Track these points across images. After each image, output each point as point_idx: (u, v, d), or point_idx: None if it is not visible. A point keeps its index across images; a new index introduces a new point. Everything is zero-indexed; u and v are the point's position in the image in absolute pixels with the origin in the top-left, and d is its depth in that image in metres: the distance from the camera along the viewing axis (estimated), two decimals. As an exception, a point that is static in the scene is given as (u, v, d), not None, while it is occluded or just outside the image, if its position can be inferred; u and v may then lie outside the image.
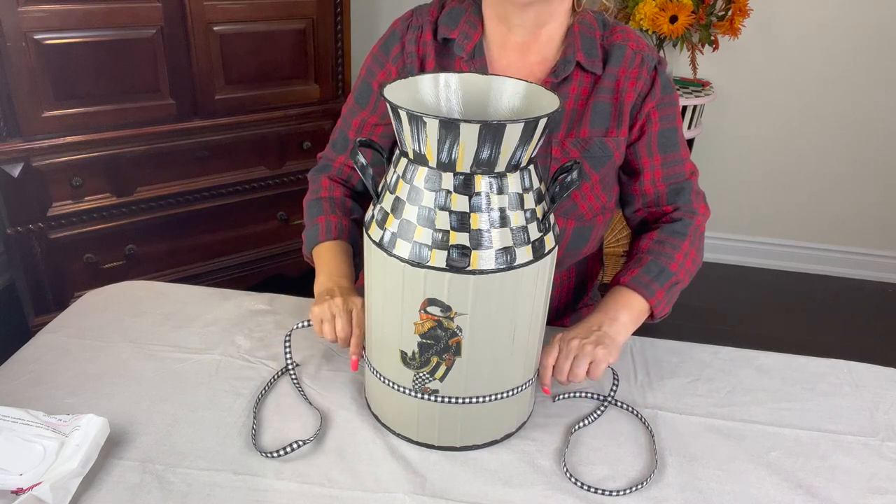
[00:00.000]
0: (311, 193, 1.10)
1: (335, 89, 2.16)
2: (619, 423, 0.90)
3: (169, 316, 1.07)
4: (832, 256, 2.70)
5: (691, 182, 1.04)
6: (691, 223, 1.02)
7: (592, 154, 0.99)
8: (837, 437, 0.90)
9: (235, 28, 1.91)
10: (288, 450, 0.81)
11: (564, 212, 1.00)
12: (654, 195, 1.03)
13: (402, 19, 1.05)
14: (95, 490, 0.76)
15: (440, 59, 1.02)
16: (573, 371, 0.87)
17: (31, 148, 1.70)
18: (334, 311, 0.89)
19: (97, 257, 1.90)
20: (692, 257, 1.01)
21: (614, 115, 0.99)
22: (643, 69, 0.98)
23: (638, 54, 0.99)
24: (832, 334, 2.36)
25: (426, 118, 0.67)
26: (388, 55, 1.05)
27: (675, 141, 1.02)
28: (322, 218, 1.04)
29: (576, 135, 0.98)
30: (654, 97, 0.99)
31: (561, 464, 0.82)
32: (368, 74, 1.08)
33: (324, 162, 1.14)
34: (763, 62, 2.45)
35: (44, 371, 0.94)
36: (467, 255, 0.71)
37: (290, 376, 0.94)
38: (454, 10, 1.02)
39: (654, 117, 1.00)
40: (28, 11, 1.61)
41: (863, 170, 2.56)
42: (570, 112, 0.99)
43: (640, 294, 0.96)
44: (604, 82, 0.98)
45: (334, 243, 1.02)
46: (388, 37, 1.06)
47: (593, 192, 1.01)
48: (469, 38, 1.00)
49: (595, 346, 0.87)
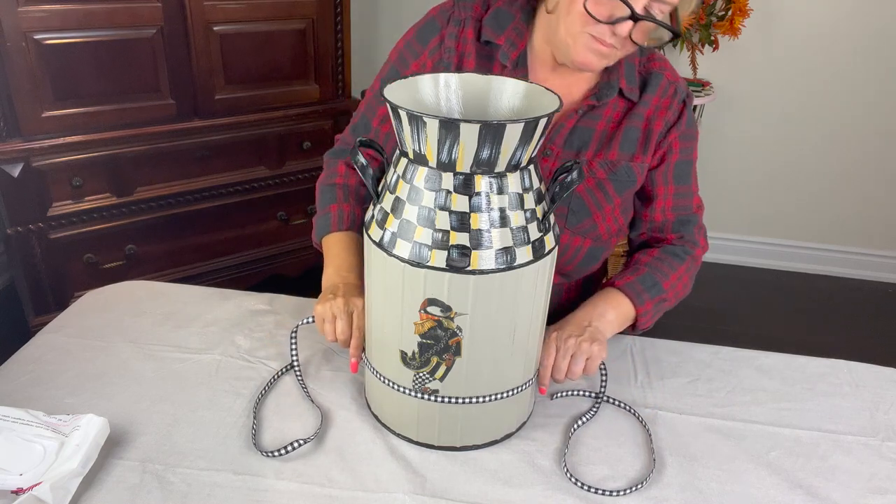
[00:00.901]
0: (325, 177, 1.09)
1: (335, 89, 2.16)
2: (618, 423, 0.90)
3: (169, 316, 1.07)
4: (832, 256, 2.70)
5: (697, 216, 1.07)
6: (691, 252, 1.05)
7: (619, 177, 0.99)
8: (837, 437, 0.90)
9: (235, 28, 1.91)
10: (289, 448, 0.81)
11: (583, 232, 1.01)
12: (661, 222, 1.05)
13: (443, 9, 1.02)
14: (95, 490, 0.76)
15: (481, 61, 1.00)
16: (571, 369, 0.88)
17: (31, 148, 1.70)
18: (335, 312, 0.89)
19: (97, 257, 1.90)
20: (684, 282, 1.04)
21: (642, 141, 1.00)
22: (675, 100, 1.00)
23: (672, 85, 1.00)
24: (832, 334, 2.36)
25: (426, 118, 0.67)
26: (426, 46, 1.02)
27: (689, 173, 1.05)
28: (335, 206, 1.03)
29: (604, 156, 0.99)
30: (679, 128, 1.01)
31: (561, 464, 0.82)
32: (400, 62, 1.04)
33: (341, 146, 1.12)
34: (763, 62, 2.45)
35: (44, 371, 0.94)
36: (467, 255, 0.71)
37: (295, 372, 0.94)
38: (501, 13, 0.99)
39: (676, 147, 1.02)
40: (28, 11, 1.61)
41: (863, 169, 2.56)
42: (601, 133, 0.99)
43: (630, 300, 0.98)
44: (638, 108, 0.99)
45: (344, 234, 1.01)
46: (425, 24, 1.02)
47: (613, 214, 1.01)
48: (515, 46, 0.98)
49: (591, 343, 0.89)
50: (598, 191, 0.99)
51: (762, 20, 2.36)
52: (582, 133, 0.98)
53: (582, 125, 0.98)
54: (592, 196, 0.99)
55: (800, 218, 2.67)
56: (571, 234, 1.00)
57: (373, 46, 2.61)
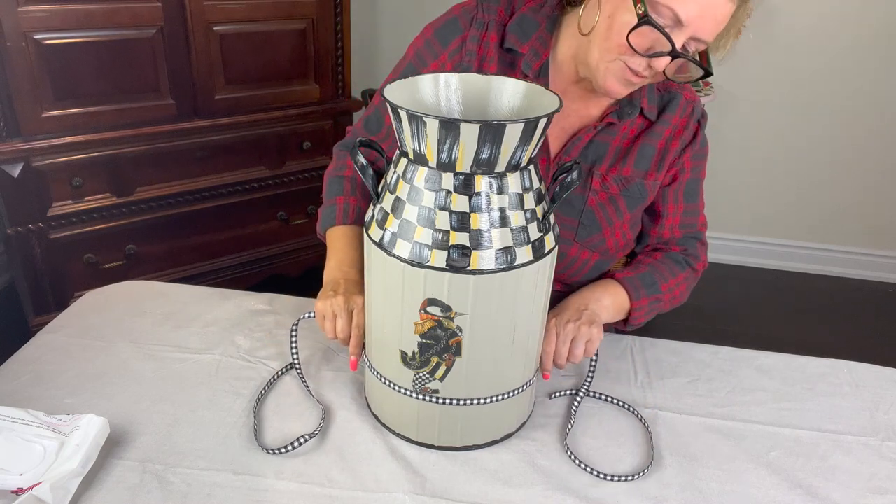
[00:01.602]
0: (334, 168, 1.08)
1: (335, 89, 2.16)
2: (618, 423, 0.90)
3: (169, 316, 1.07)
4: (832, 256, 2.70)
5: (702, 233, 1.09)
6: (692, 264, 1.06)
7: (631, 193, 1.00)
8: (837, 437, 0.90)
9: (235, 28, 1.91)
10: (295, 444, 0.81)
11: (592, 246, 1.01)
12: (668, 238, 1.07)
13: (466, 10, 0.99)
14: (95, 490, 0.76)
15: (502, 68, 0.98)
16: (572, 353, 0.90)
17: (31, 148, 1.70)
18: (335, 309, 0.89)
19: (97, 257, 1.90)
20: (682, 290, 1.05)
21: (657, 159, 1.00)
22: (691, 119, 1.01)
23: (690, 104, 1.01)
24: (832, 334, 2.36)
25: (426, 118, 0.67)
26: (446, 47, 0.99)
27: (698, 192, 1.06)
28: (341, 199, 1.02)
29: (618, 171, 0.99)
30: (693, 148, 1.02)
31: (563, 444, 0.84)
32: (418, 60, 1.01)
33: (352, 137, 1.11)
34: (763, 62, 2.45)
35: (44, 371, 0.94)
36: (467, 255, 0.71)
37: (296, 367, 0.93)
38: (526, 21, 0.97)
39: (688, 167, 1.02)
40: (28, 11, 1.61)
41: (863, 169, 2.56)
42: (616, 149, 0.99)
43: (627, 293, 0.99)
44: (656, 127, 0.99)
45: (349, 228, 1.00)
46: (446, 23, 1.00)
47: (622, 229, 1.02)
48: (538, 56, 0.96)
49: (589, 326, 0.90)
50: (610, 205, 0.99)
51: (762, 20, 2.36)
52: (598, 147, 0.98)
53: (599, 140, 0.98)
54: (604, 210, 0.99)
55: (800, 218, 2.67)
56: (580, 247, 1.00)
57: (373, 46, 2.61)
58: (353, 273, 0.95)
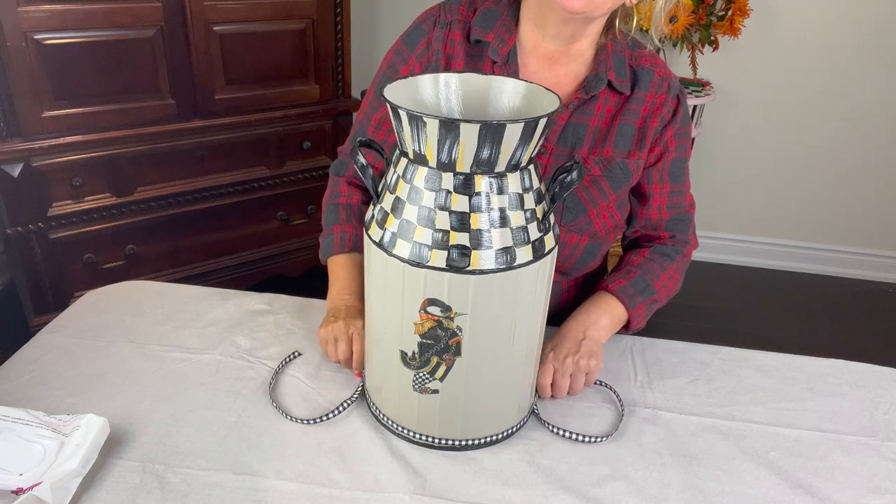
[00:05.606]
0: (329, 196, 1.11)
1: (335, 89, 2.16)
2: (618, 424, 0.90)
3: (169, 316, 1.07)
4: (832, 256, 2.71)
5: (690, 214, 1.09)
6: (682, 250, 1.07)
7: (614, 174, 0.99)
8: (837, 437, 0.90)
9: (235, 28, 1.91)
10: (340, 409, 0.86)
11: (579, 229, 1.01)
12: (656, 220, 1.06)
13: (429, 14, 1.03)
14: (95, 490, 0.76)
15: (470, 61, 1.00)
16: (572, 387, 0.92)
17: (31, 148, 1.70)
18: (336, 334, 0.94)
19: (97, 257, 1.90)
20: (675, 281, 1.06)
21: (637, 138, 1.00)
22: (669, 96, 1.00)
23: (665, 81, 1.00)
24: (832, 334, 2.36)
25: (426, 118, 0.67)
26: (413, 51, 1.02)
27: (683, 172, 1.06)
28: (337, 228, 1.05)
29: (599, 153, 0.99)
30: (675, 126, 1.01)
31: (545, 423, 0.84)
32: (390, 69, 1.05)
33: (343, 158, 1.13)
34: (763, 62, 2.45)
35: (44, 371, 0.94)
36: (467, 255, 0.71)
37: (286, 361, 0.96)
38: (489, 12, 1.00)
39: (672, 146, 1.02)
40: (28, 11, 1.61)
41: (863, 169, 2.56)
42: (595, 130, 0.99)
43: (623, 304, 1.00)
44: (631, 105, 0.99)
45: (346, 257, 1.03)
46: (412, 31, 1.04)
47: (609, 210, 1.02)
48: (504, 42, 0.98)
49: (588, 359, 0.92)
50: (593, 187, 0.99)
51: (762, 20, 2.36)
52: (576, 129, 0.98)
53: (575, 121, 0.98)
54: (587, 193, 0.99)
55: (800, 218, 2.67)
56: (567, 231, 1.00)
57: (373, 46, 2.61)
58: (352, 300, 0.99)
